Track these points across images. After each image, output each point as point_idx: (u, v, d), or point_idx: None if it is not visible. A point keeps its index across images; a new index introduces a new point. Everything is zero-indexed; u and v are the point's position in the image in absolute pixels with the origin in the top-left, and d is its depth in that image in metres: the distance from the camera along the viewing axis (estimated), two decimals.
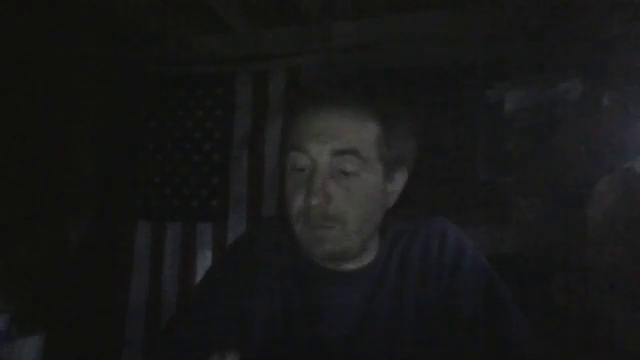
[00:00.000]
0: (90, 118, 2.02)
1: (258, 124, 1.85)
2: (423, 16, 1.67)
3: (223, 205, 1.85)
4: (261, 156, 1.82)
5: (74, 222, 1.94)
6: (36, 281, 1.70)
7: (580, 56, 1.42)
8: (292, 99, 0.77)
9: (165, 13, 1.81)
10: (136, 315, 1.86)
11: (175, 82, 1.96)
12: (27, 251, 1.75)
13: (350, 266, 0.75)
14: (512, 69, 1.58)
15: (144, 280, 1.88)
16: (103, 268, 1.89)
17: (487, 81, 1.60)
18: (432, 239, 0.76)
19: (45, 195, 1.86)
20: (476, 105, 1.63)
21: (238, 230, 1.80)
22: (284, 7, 1.68)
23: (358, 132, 0.68)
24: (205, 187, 1.88)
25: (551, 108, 1.49)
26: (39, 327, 1.23)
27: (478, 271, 0.73)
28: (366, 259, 0.76)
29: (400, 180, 0.75)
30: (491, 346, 0.68)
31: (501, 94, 1.57)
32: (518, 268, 1.36)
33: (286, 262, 0.78)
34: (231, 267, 0.81)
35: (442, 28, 1.65)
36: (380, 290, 0.73)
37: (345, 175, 0.68)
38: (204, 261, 1.83)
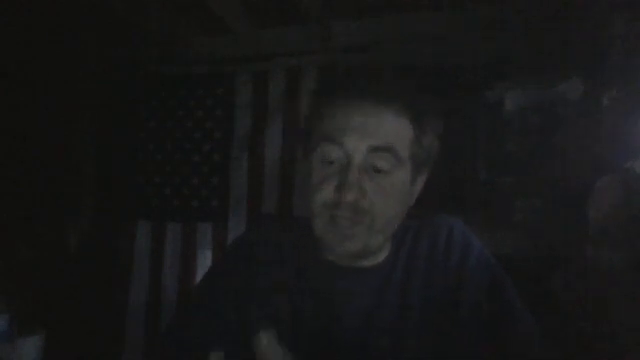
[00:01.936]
0: (90, 118, 2.02)
1: (258, 124, 1.85)
2: (423, 16, 1.67)
3: (223, 205, 1.85)
4: (261, 156, 1.82)
5: (74, 222, 1.94)
6: (36, 281, 1.70)
7: (580, 56, 1.42)
8: (325, 87, 0.76)
9: (165, 13, 1.81)
10: (136, 315, 1.86)
11: (175, 82, 1.96)
12: (27, 251, 1.75)
13: (363, 263, 0.75)
14: (512, 69, 1.58)
15: (144, 280, 1.89)
16: (103, 268, 1.90)
17: (487, 81, 1.60)
18: (439, 236, 0.76)
19: (45, 195, 1.86)
20: (476, 105, 1.62)
21: (238, 230, 1.80)
22: (284, 7, 1.68)
23: (394, 130, 0.68)
24: (205, 187, 1.88)
25: (551, 108, 1.49)
26: (39, 327, 1.23)
27: (484, 268, 0.73)
28: (379, 257, 0.76)
29: (421, 181, 0.76)
30: (497, 343, 0.68)
31: (501, 94, 1.57)
32: (518, 268, 1.36)
33: (287, 261, 0.78)
34: (231, 267, 0.81)
35: (442, 28, 1.65)
36: (387, 288, 0.73)
37: (377, 172, 0.67)
38: (204, 261, 1.84)
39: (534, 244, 1.46)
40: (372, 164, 0.67)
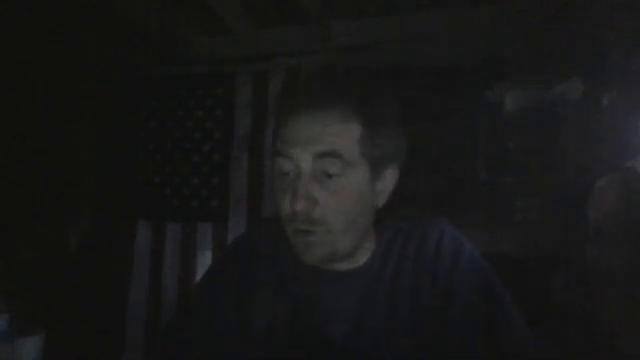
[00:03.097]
0: (90, 118, 2.02)
1: (258, 124, 1.85)
2: (423, 16, 1.67)
3: (223, 205, 1.85)
4: (261, 156, 1.82)
5: (74, 222, 1.94)
6: (36, 281, 1.70)
7: (580, 56, 1.42)
8: (278, 104, 0.77)
9: (165, 13, 1.81)
10: (136, 315, 1.86)
11: (175, 82, 1.96)
12: (27, 251, 1.76)
13: (346, 266, 0.75)
14: (512, 69, 1.58)
15: (144, 280, 1.89)
16: (103, 268, 1.90)
17: (487, 81, 1.60)
18: (429, 239, 0.75)
19: (45, 195, 1.86)
20: (476, 105, 1.63)
21: (238, 230, 1.79)
22: (284, 7, 1.68)
23: (340, 133, 0.68)
24: (205, 187, 1.88)
25: (551, 108, 1.50)
26: (39, 327, 1.23)
27: (475, 271, 0.73)
28: (362, 258, 0.76)
29: (390, 178, 0.75)
30: (489, 347, 0.68)
31: (501, 94, 1.57)
32: (518, 268, 1.36)
33: (284, 262, 0.78)
34: (231, 267, 0.81)
35: (442, 28, 1.65)
36: (375, 290, 0.73)
37: (329, 177, 0.67)
38: (204, 261, 1.84)
39: (534, 244, 1.46)
40: (322, 170, 0.67)
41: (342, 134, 0.68)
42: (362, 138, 0.69)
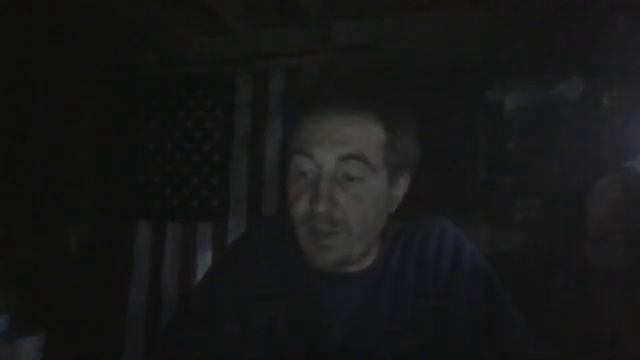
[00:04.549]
0: (90, 118, 2.02)
1: (258, 124, 1.85)
2: (423, 16, 1.67)
3: (223, 205, 1.86)
4: (261, 156, 1.83)
5: (74, 222, 1.94)
6: (36, 281, 1.70)
7: (580, 56, 1.42)
8: (296, 99, 0.76)
9: (165, 13, 1.81)
10: (136, 315, 1.86)
11: (175, 82, 1.96)
12: (27, 251, 1.76)
13: (351, 268, 0.75)
14: (512, 69, 1.58)
15: (144, 280, 1.89)
16: (103, 268, 1.90)
17: (487, 81, 1.60)
18: (430, 239, 0.75)
19: (45, 195, 1.86)
20: (476, 105, 1.63)
21: (238, 230, 1.80)
22: (284, 7, 1.68)
23: (364, 137, 0.67)
24: (205, 187, 1.89)
25: (551, 108, 1.50)
26: (39, 327, 1.23)
27: (476, 271, 0.73)
28: (367, 261, 0.76)
29: (403, 185, 0.75)
30: (489, 347, 0.68)
31: (501, 94, 1.57)
32: (518, 268, 1.36)
33: (285, 263, 0.78)
34: (230, 268, 0.81)
35: (442, 28, 1.65)
36: (379, 291, 0.73)
37: (350, 180, 0.67)
38: (204, 261, 1.84)
39: (534, 244, 1.46)
40: (344, 172, 0.67)
41: (368, 138, 0.68)
42: (385, 143, 0.69)
